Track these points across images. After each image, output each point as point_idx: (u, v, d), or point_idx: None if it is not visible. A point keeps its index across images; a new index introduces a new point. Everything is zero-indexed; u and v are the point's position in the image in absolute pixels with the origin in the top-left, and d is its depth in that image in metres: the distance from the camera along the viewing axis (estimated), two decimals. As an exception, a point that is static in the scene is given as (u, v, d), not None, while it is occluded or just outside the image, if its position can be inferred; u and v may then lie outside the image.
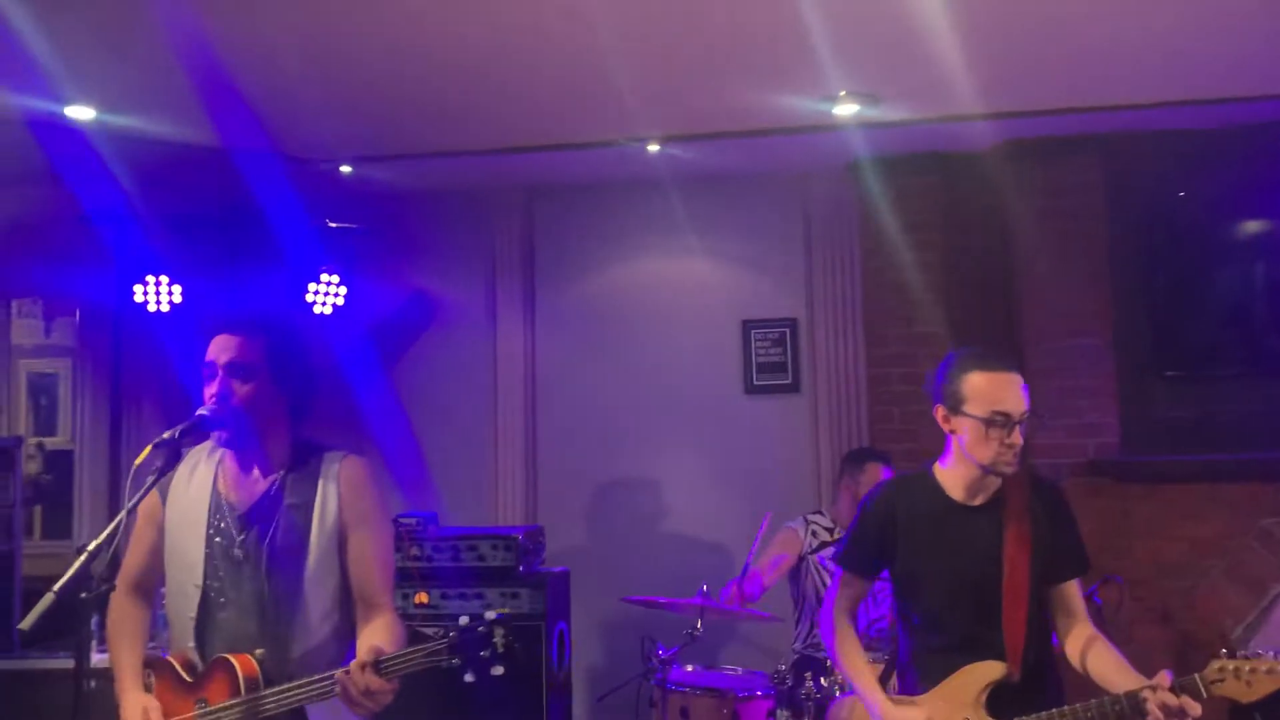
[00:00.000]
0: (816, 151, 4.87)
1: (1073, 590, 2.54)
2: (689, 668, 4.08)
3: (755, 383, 5.26)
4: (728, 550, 5.12)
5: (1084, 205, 4.94)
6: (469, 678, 2.12)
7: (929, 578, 2.55)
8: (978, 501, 2.53)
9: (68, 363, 5.80)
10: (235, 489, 2.43)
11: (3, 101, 3.79)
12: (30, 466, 5.60)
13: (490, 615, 2.13)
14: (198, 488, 2.44)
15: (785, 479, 5.13)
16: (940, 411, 2.55)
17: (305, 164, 4.77)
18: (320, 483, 2.41)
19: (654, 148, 4.72)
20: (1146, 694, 2.23)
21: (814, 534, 4.27)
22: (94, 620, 3.85)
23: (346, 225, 5.07)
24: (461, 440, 5.39)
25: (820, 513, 4.39)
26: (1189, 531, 4.75)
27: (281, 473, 2.43)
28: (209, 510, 2.42)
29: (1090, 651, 2.46)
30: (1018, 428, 2.44)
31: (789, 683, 3.63)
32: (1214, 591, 4.64)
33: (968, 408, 2.47)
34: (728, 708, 3.78)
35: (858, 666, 2.63)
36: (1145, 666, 2.43)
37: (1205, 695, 2.18)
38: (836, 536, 4.25)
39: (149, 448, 2.24)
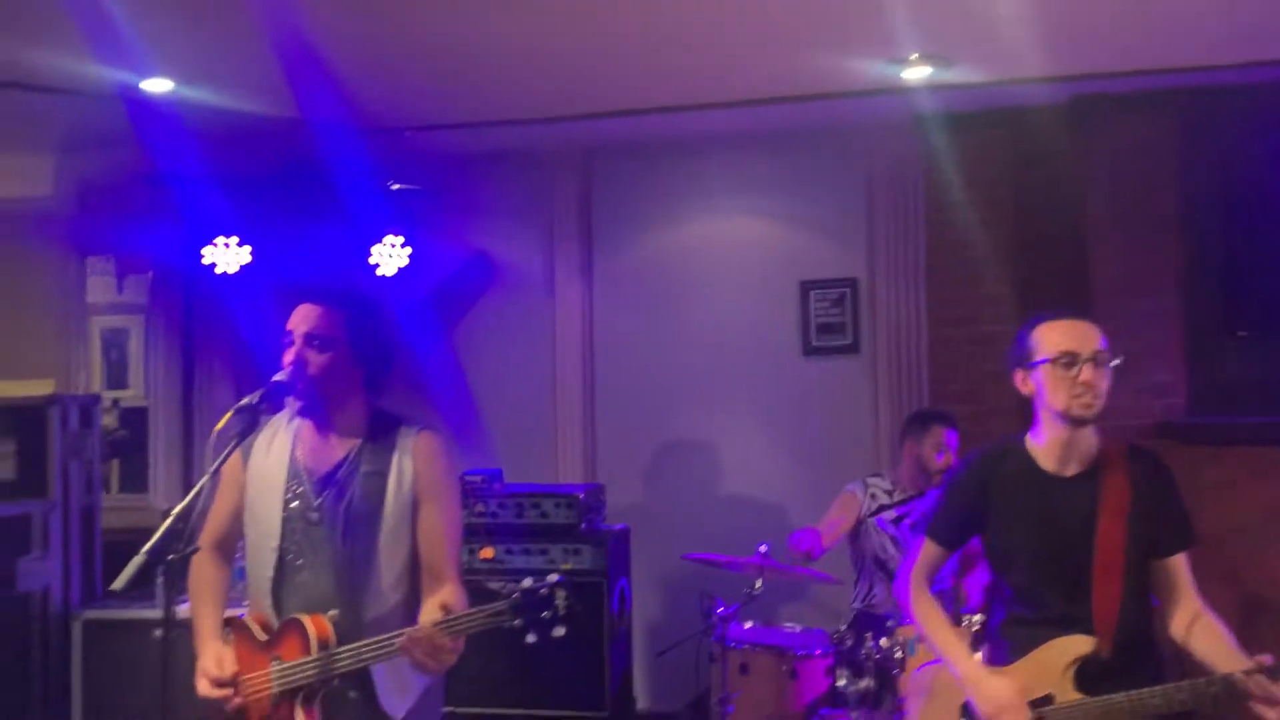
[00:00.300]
0: (880, 109, 4.80)
1: (1178, 565, 2.43)
2: (748, 625, 4.14)
3: (814, 344, 5.25)
4: (785, 510, 5.15)
5: (1156, 162, 4.81)
6: (531, 638, 2.18)
7: (1019, 550, 2.49)
8: (1070, 472, 2.46)
9: (139, 319, 5.94)
10: (313, 455, 2.50)
11: (83, 72, 3.88)
12: (107, 420, 5.78)
13: (552, 578, 2.18)
14: (277, 453, 2.52)
15: (843, 441, 5.13)
16: (1018, 376, 2.50)
17: (371, 124, 4.83)
18: (397, 453, 2.46)
19: (713, 111, 4.70)
20: (1243, 678, 2.16)
21: (873, 496, 4.27)
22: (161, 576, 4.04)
23: (410, 187, 5.12)
24: (521, 400, 5.46)
25: (879, 475, 4.39)
26: (1260, 494, 4.66)
27: (359, 441, 2.49)
28: (287, 475, 2.49)
29: (1194, 629, 2.38)
30: (1088, 365, 2.38)
31: (849, 642, 3.67)
32: (1285, 555, 4.56)
33: (1037, 357, 2.44)
34: (787, 665, 3.84)
35: (945, 633, 2.58)
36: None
37: None
38: (896, 499, 4.25)
39: (229, 413, 2.31)
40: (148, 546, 2.05)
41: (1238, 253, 4.81)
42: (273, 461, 2.51)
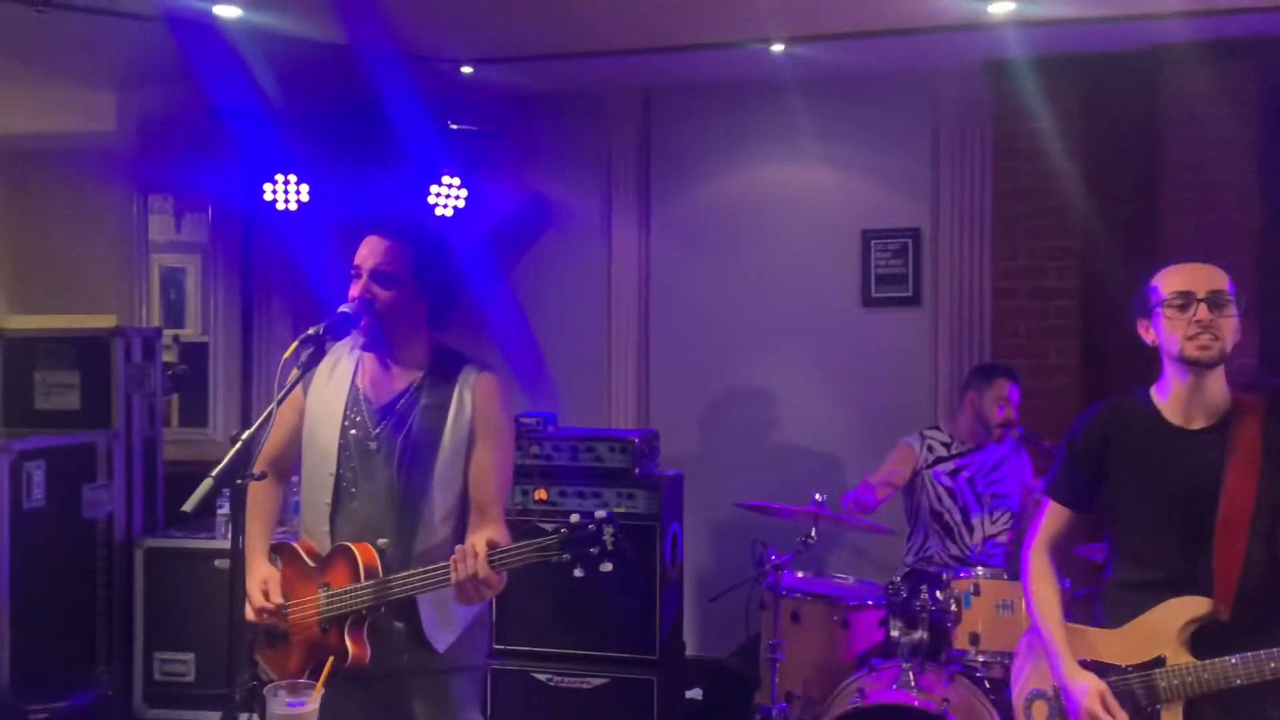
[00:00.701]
0: (949, 51, 4.68)
1: None
2: (800, 574, 4.13)
3: (874, 295, 5.17)
4: (840, 462, 5.11)
5: (1236, 115, 4.65)
6: (578, 573, 2.19)
7: (1134, 505, 2.38)
8: (1197, 424, 2.33)
9: (197, 257, 6.00)
10: (374, 385, 2.50)
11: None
12: (168, 355, 5.87)
13: (601, 514, 2.18)
14: (338, 381, 2.53)
15: (901, 394, 5.06)
16: (1141, 325, 2.39)
17: (427, 64, 4.79)
18: (457, 389, 2.47)
19: (778, 47, 4.59)
20: None
21: (929, 449, 4.22)
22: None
23: (467, 127, 5.09)
24: (576, 343, 5.45)
25: (937, 428, 4.33)
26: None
27: (420, 374, 2.49)
28: (347, 402, 2.50)
29: None
30: (1203, 305, 2.26)
31: (902, 594, 3.64)
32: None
33: (1154, 301, 2.34)
34: (839, 615, 3.82)
35: (1050, 614, 2.46)
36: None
37: None
38: (954, 452, 4.20)
39: (295, 342, 2.31)
40: (216, 471, 2.05)
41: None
42: (333, 388, 2.52)
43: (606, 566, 2.18)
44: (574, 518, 2.18)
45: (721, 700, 4.61)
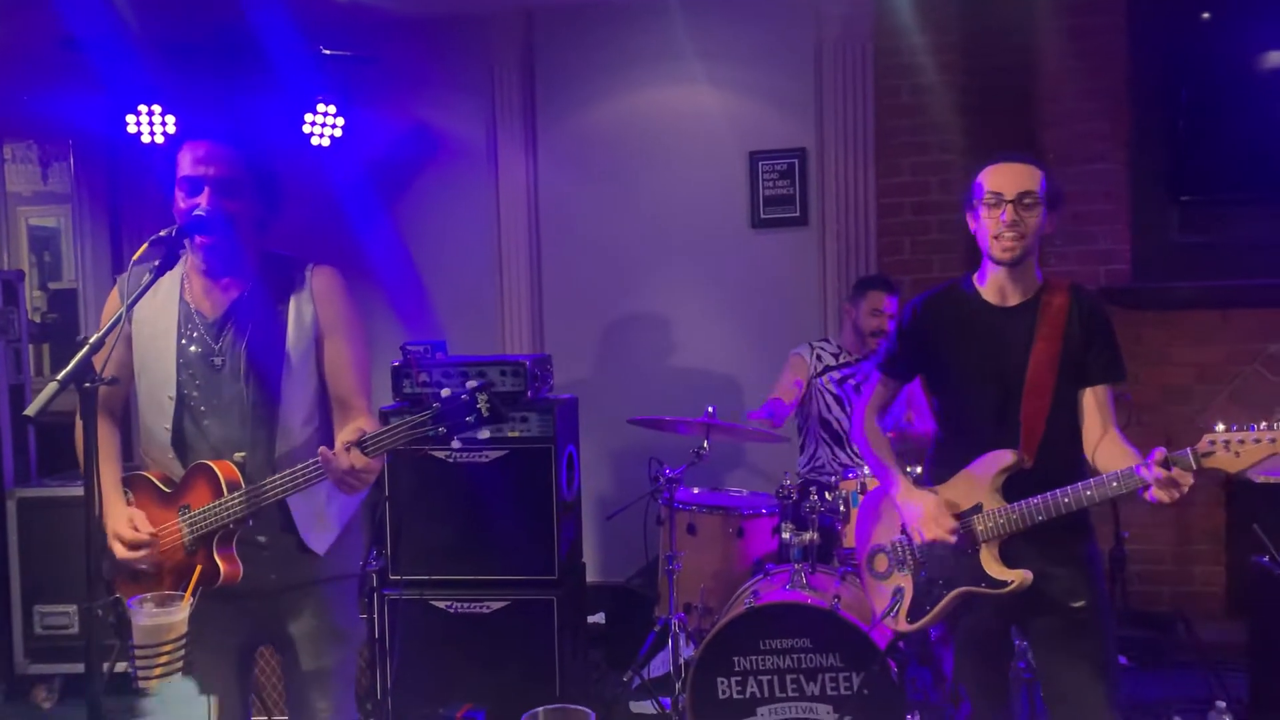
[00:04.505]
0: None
1: (1103, 396, 2.55)
2: (695, 489, 4.15)
3: (763, 216, 5.18)
4: (734, 381, 5.15)
5: (1105, 24, 4.77)
6: (456, 444, 2.16)
7: (955, 372, 2.63)
8: (1011, 302, 2.58)
9: (67, 209, 5.73)
10: (206, 298, 2.40)
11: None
12: (36, 302, 5.62)
13: (472, 383, 2.14)
14: (163, 300, 2.41)
15: (792, 311, 5.11)
16: (968, 216, 2.62)
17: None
18: (294, 291, 2.40)
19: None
20: (1141, 469, 2.30)
21: (818, 358, 4.27)
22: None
23: (342, 53, 4.91)
24: (466, 275, 5.36)
25: (826, 340, 4.39)
26: (1197, 357, 4.75)
27: (251, 282, 2.40)
28: (179, 320, 2.39)
29: (1101, 444, 2.52)
30: (1010, 206, 2.49)
31: (793, 497, 3.68)
32: (1220, 416, 4.63)
33: (975, 199, 2.57)
34: (734, 525, 3.86)
35: (884, 456, 2.75)
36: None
37: (1196, 466, 2.24)
38: (841, 361, 4.26)
39: (145, 244, 2.20)
40: (62, 375, 1.94)
41: (1184, 119, 4.80)
42: (160, 307, 2.40)
43: (484, 434, 2.15)
44: (445, 392, 2.14)
45: (624, 622, 4.63)
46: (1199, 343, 4.76)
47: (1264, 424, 2.23)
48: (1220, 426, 2.26)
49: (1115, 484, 2.35)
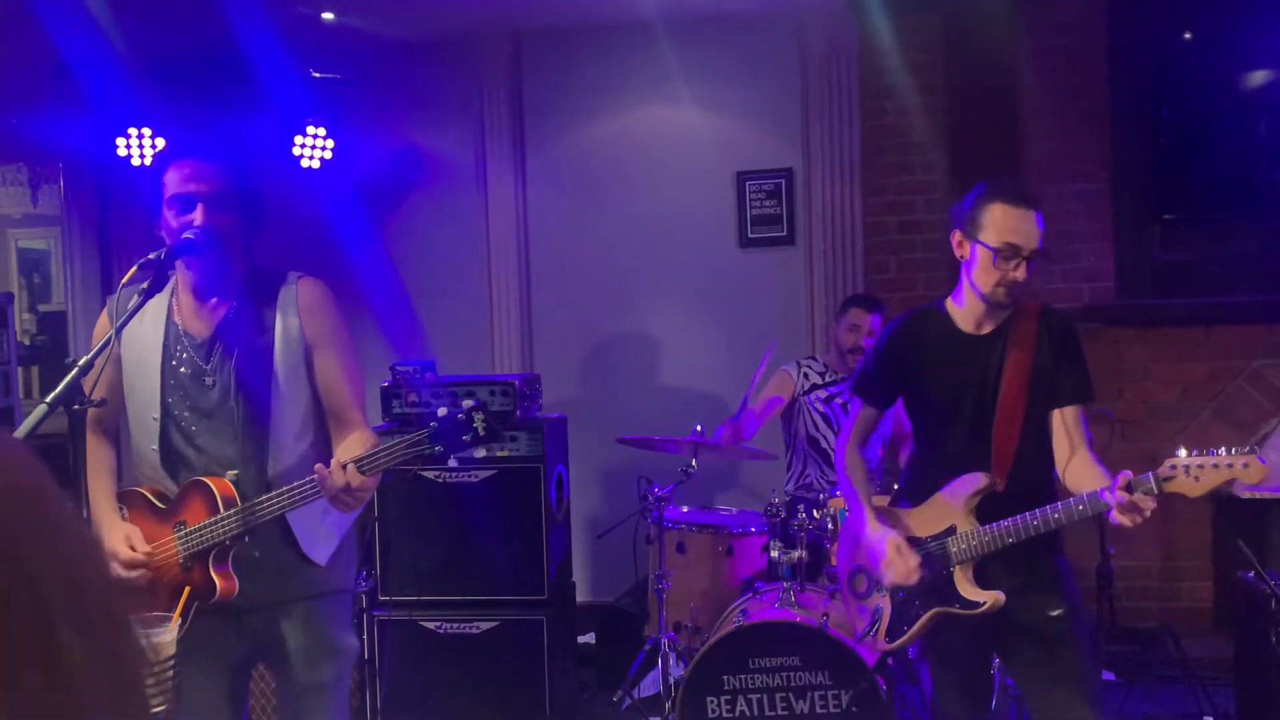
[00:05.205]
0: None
1: (1072, 417, 2.59)
2: (684, 508, 4.16)
3: (750, 236, 5.22)
4: (722, 400, 5.16)
5: (1087, 46, 4.83)
6: (453, 463, 2.17)
7: (930, 399, 2.68)
8: (985, 330, 2.62)
9: (57, 231, 5.73)
10: (194, 318, 2.42)
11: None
12: (25, 324, 5.62)
13: (468, 403, 2.16)
14: (151, 322, 2.42)
15: (779, 331, 5.11)
16: (956, 236, 2.61)
17: (287, 9, 4.63)
18: (279, 305, 2.41)
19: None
20: (1105, 492, 2.33)
21: (805, 376, 4.30)
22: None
23: (331, 76, 4.94)
24: (456, 295, 5.38)
25: (814, 358, 4.42)
26: (1180, 374, 4.79)
27: (236, 300, 2.41)
28: (167, 341, 2.40)
29: (1070, 465, 2.56)
30: (1024, 264, 2.50)
31: (781, 515, 3.70)
32: (1203, 432, 4.69)
33: (982, 235, 2.54)
34: (723, 543, 3.87)
35: (856, 487, 2.78)
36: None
37: (1158, 491, 2.28)
38: (828, 380, 4.29)
39: (134, 268, 2.22)
40: (50, 397, 1.97)
41: (1165, 137, 4.86)
42: (148, 329, 2.41)
43: (480, 452, 2.18)
44: (441, 411, 2.16)
45: (614, 641, 4.63)
46: (1182, 359, 4.80)
47: (1223, 450, 2.26)
48: (1182, 452, 2.30)
49: (1081, 507, 2.39)
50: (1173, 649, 4.30)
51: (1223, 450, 2.26)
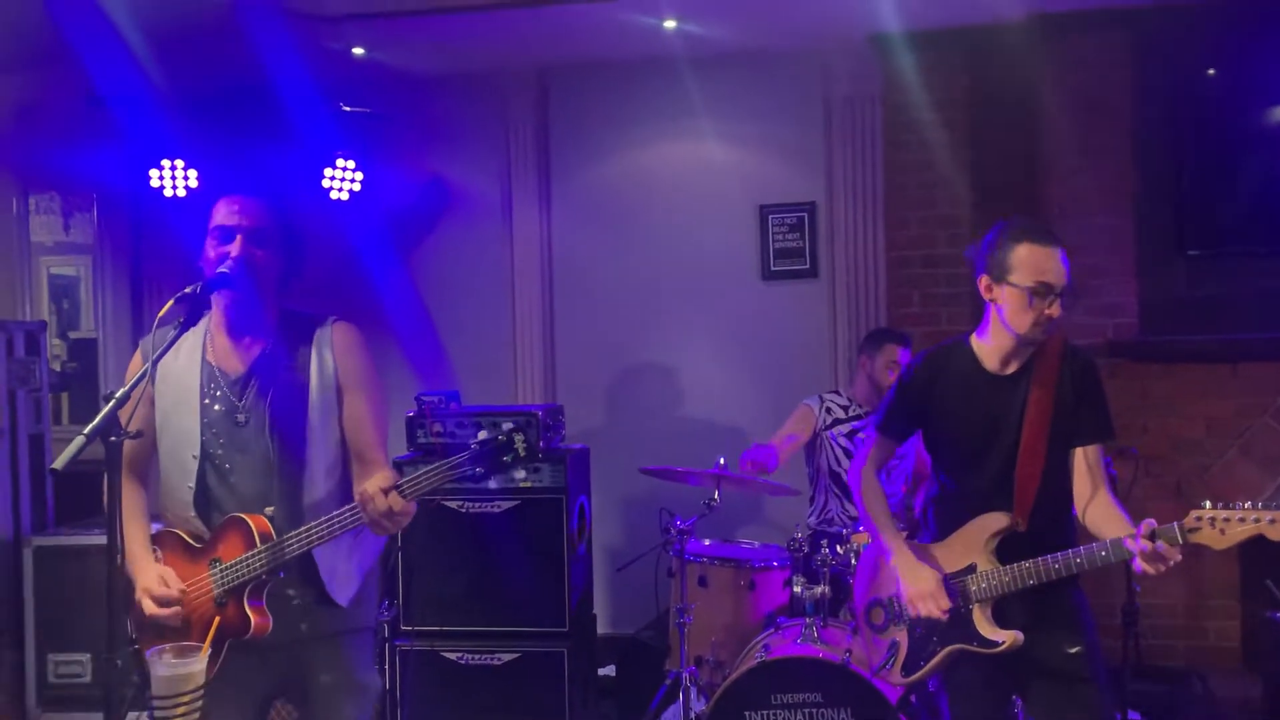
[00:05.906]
0: (837, 25, 4.77)
1: (1093, 456, 2.60)
2: (706, 541, 4.16)
3: (773, 269, 5.24)
4: (745, 432, 5.17)
5: (1110, 81, 4.85)
6: (493, 484, 2.21)
7: (954, 439, 2.69)
8: (1010, 370, 2.63)
9: (88, 259, 5.83)
10: (228, 357, 2.45)
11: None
12: (56, 351, 5.69)
13: (507, 425, 2.20)
14: (186, 360, 2.46)
15: (802, 363, 5.15)
16: (984, 281, 2.62)
17: (317, 45, 4.71)
18: (314, 345, 2.45)
19: (670, 24, 4.64)
20: (1128, 540, 2.33)
21: (828, 410, 4.30)
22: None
23: (360, 109, 5.02)
24: (480, 325, 5.42)
25: (836, 392, 4.41)
26: (1206, 410, 4.76)
27: (271, 340, 2.45)
28: (202, 380, 2.44)
29: (1090, 506, 2.56)
30: (1057, 300, 2.52)
31: (804, 550, 3.69)
32: (1229, 469, 4.66)
33: (1013, 278, 2.55)
34: (745, 577, 3.87)
35: (882, 518, 2.77)
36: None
37: (1182, 542, 2.28)
38: (852, 414, 4.28)
39: (171, 300, 2.26)
40: (88, 429, 2.00)
41: (1189, 172, 4.86)
42: (183, 367, 2.45)
43: (520, 474, 2.21)
44: (481, 434, 2.20)
45: (635, 674, 4.61)
46: (1207, 395, 4.77)
47: (1248, 503, 2.26)
48: (1207, 504, 2.30)
49: (1104, 554, 2.40)
50: (1200, 689, 4.25)
51: (1249, 504, 2.25)
